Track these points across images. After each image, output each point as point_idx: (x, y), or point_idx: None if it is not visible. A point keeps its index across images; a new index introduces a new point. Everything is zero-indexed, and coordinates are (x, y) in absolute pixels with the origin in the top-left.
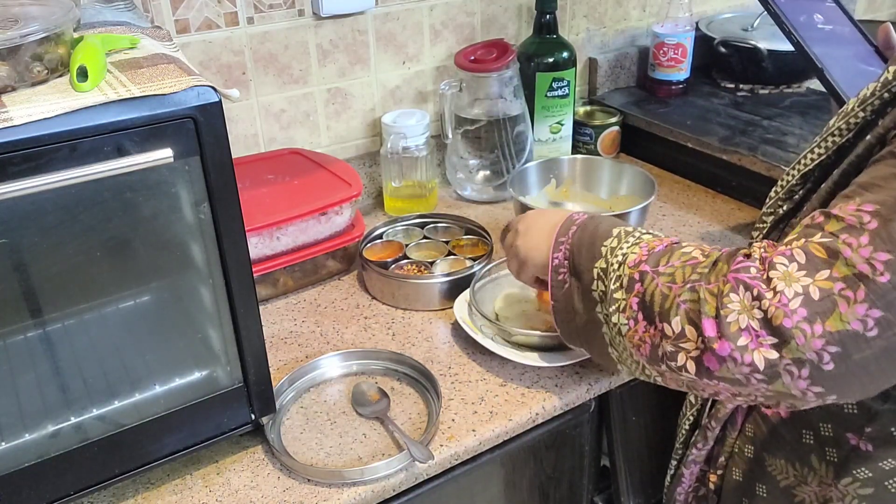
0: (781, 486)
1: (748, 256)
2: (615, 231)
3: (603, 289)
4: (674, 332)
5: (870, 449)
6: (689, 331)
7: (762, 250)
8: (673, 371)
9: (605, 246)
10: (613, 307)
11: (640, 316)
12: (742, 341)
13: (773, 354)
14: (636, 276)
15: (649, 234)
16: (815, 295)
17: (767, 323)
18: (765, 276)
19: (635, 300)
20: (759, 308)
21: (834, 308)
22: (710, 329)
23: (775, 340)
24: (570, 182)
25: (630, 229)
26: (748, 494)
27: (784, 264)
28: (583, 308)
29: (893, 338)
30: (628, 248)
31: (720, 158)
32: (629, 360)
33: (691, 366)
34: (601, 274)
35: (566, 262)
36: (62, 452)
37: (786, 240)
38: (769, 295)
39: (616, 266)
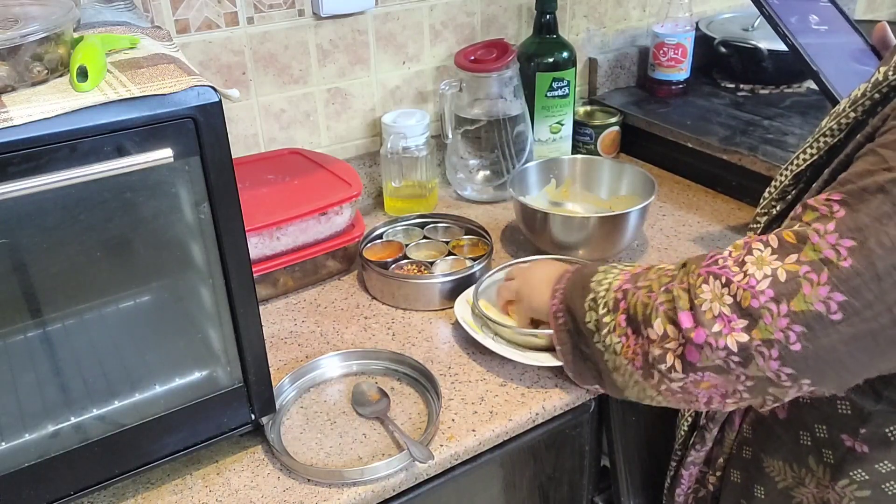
0: (779, 488)
1: (719, 252)
2: (601, 267)
3: (596, 318)
4: (657, 334)
5: (865, 450)
6: (670, 329)
7: (746, 237)
8: (664, 375)
9: (593, 280)
10: (605, 330)
11: (630, 330)
12: (716, 327)
13: (744, 337)
14: (619, 296)
15: (632, 265)
16: (782, 277)
17: (737, 306)
18: (740, 260)
19: (623, 317)
20: (729, 293)
21: (798, 289)
22: (686, 321)
23: (745, 322)
24: (570, 182)
25: (615, 264)
26: (746, 496)
27: (759, 249)
28: (584, 344)
29: (861, 325)
30: (612, 277)
31: (720, 158)
32: (630, 380)
33: (678, 364)
34: (592, 305)
35: (562, 305)
36: (62, 452)
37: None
38: (738, 278)
39: (602, 294)
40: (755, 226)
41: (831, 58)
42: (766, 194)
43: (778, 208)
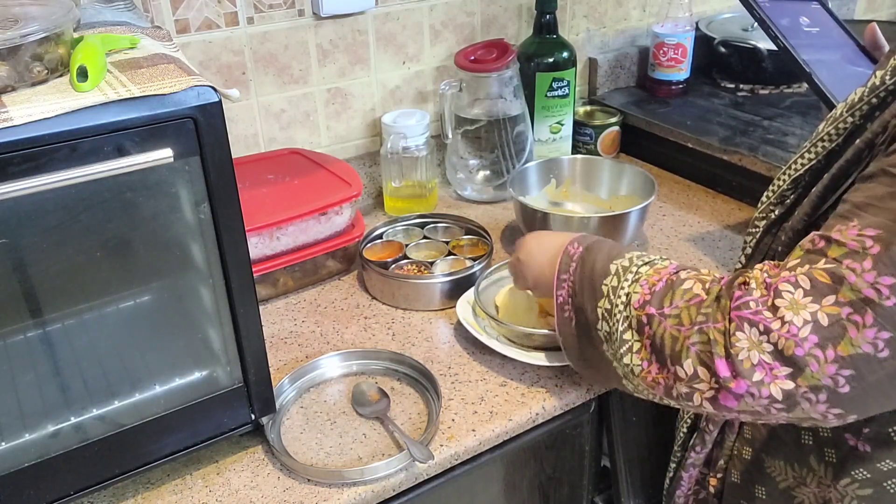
0: (781, 488)
1: (745, 285)
2: (612, 267)
3: (608, 329)
4: (686, 374)
5: (868, 450)
6: (703, 372)
7: (765, 274)
8: (688, 406)
9: (606, 285)
10: (624, 348)
11: (654, 358)
12: (757, 376)
13: (790, 385)
14: (644, 320)
15: (645, 264)
16: (824, 321)
17: (779, 354)
18: (770, 304)
19: (648, 342)
20: (769, 341)
21: (844, 333)
22: (724, 370)
23: (790, 370)
24: (570, 182)
25: (627, 263)
26: (747, 496)
27: (790, 291)
28: (589, 344)
29: None
30: (629, 286)
31: (720, 158)
32: (645, 391)
33: (708, 405)
34: (605, 314)
35: (570, 299)
36: (62, 452)
37: (789, 264)
38: (776, 325)
39: (621, 307)
40: (753, 230)
41: (823, 59)
42: (763, 198)
43: (776, 212)
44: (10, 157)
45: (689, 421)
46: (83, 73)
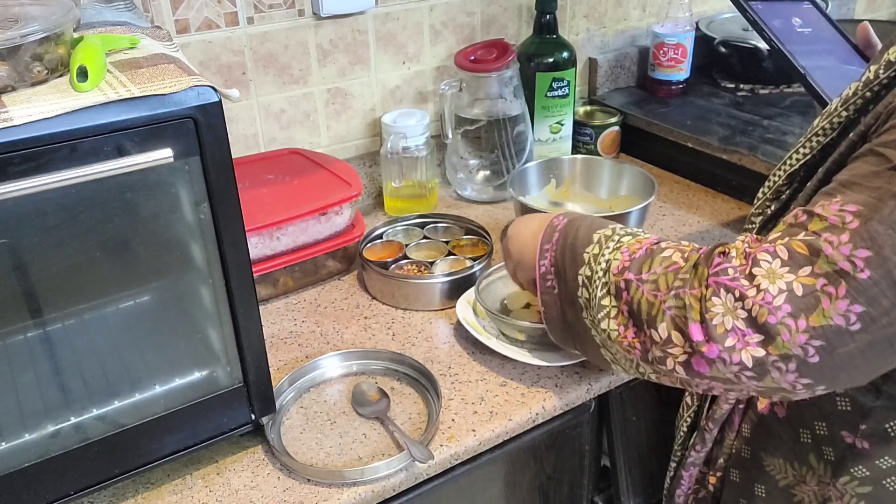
0: (780, 486)
1: (725, 255)
2: (595, 236)
3: (588, 296)
4: (661, 337)
5: (866, 447)
6: (676, 336)
7: (746, 245)
8: (663, 374)
9: (588, 252)
10: (602, 314)
11: (630, 322)
12: (729, 342)
13: (760, 352)
14: (622, 285)
15: (628, 234)
16: (799, 291)
17: (752, 321)
18: (747, 272)
19: (625, 307)
20: (743, 308)
21: (817, 304)
22: (697, 333)
23: (761, 338)
24: (570, 182)
25: (609, 233)
26: (747, 495)
27: (767, 261)
28: (571, 313)
29: (878, 332)
30: (610, 253)
31: (720, 158)
32: (623, 360)
33: (680, 369)
34: (586, 281)
35: (552, 268)
36: (62, 452)
37: (770, 237)
38: (752, 293)
39: (601, 273)
40: (750, 226)
41: (816, 59)
42: (759, 195)
43: (772, 208)
44: (10, 157)
45: (688, 420)
46: (83, 73)
